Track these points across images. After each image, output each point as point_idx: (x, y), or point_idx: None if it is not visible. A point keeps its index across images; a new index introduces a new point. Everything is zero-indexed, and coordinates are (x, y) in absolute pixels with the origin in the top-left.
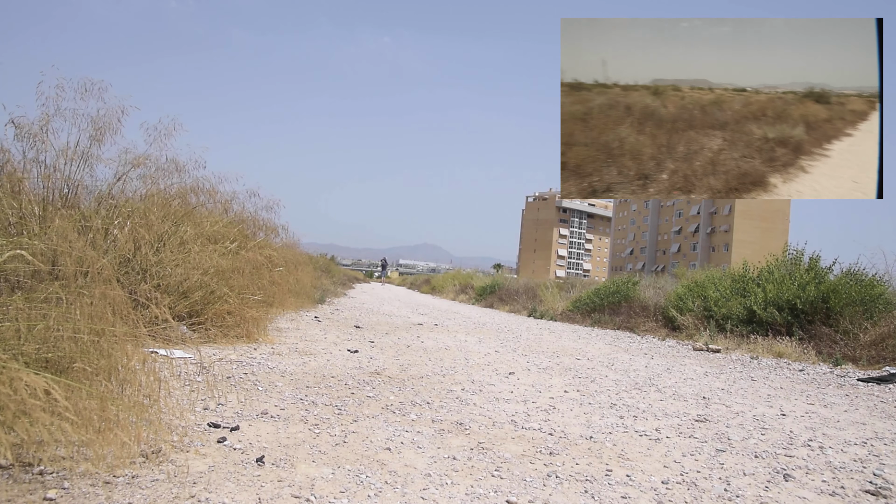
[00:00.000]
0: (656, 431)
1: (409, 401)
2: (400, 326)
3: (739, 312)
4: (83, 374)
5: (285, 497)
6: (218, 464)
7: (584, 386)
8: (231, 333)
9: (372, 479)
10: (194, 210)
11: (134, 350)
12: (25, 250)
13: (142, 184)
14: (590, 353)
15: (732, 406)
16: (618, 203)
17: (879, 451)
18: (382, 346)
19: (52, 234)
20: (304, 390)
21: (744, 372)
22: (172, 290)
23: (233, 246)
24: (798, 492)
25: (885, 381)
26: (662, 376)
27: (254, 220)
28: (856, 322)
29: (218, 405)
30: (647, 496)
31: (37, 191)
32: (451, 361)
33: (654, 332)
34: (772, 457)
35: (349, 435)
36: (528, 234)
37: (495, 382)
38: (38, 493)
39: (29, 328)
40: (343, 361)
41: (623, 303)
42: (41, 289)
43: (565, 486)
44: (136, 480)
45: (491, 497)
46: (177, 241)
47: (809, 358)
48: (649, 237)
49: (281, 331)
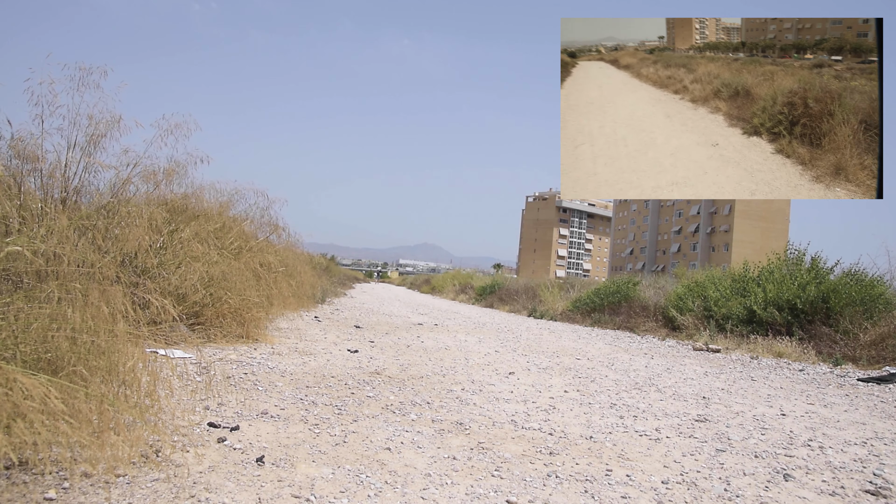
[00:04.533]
0: (656, 431)
1: (409, 401)
2: (400, 326)
3: (739, 312)
4: (81, 374)
5: (285, 497)
6: (218, 464)
7: (584, 386)
8: (231, 333)
9: (372, 479)
10: (196, 211)
11: (134, 350)
12: (26, 249)
13: (144, 184)
14: (590, 353)
15: (732, 406)
16: (618, 203)
17: (879, 451)
18: (382, 346)
19: (52, 234)
20: (304, 390)
21: (744, 372)
22: (173, 291)
23: (233, 247)
24: (798, 492)
25: (885, 381)
26: (662, 376)
27: (258, 219)
28: (856, 322)
29: (218, 405)
30: (647, 496)
31: (36, 191)
32: (451, 361)
33: (654, 332)
34: (772, 457)
35: (349, 435)
36: (528, 234)
37: (495, 382)
38: (38, 493)
39: (26, 328)
40: (343, 361)
41: (623, 303)
42: (41, 288)
43: (565, 485)
44: (136, 480)
45: (491, 497)
46: (178, 244)
47: (809, 358)
48: (649, 237)
49: (281, 331)
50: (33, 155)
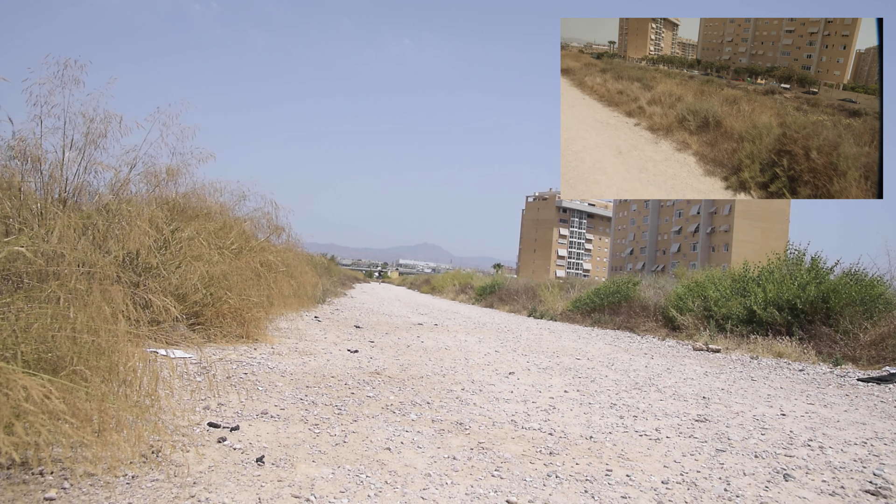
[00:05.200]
0: (656, 431)
1: (409, 401)
2: (400, 326)
3: (739, 312)
4: (82, 374)
5: (285, 497)
6: (218, 464)
7: (584, 386)
8: (231, 333)
9: (372, 479)
10: (197, 211)
11: (134, 350)
12: (26, 249)
13: (144, 184)
14: (590, 353)
15: (732, 406)
16: (618, 203)
17: (879, 451)
18: (382, 346)
19: (52, 234)
20: (304, 390)
21: (744, 372)
22: (173, 291)
23: (234, 247)
24: (798, 492)
25: (885, 381)
26: (662, 376)
27: (259, 219)
28: (856, 322)
29: (218, 405)
30: (647, 496)
31: (37, 191)
32: (451, 361)
33: (654, 331)
34: (772, 457)
35: (349, 435)
36: (528, 234)
37: (495, 382)
38: (38, 493)
39: (26, 327)
40: (343, 361)
41: (623, 303)
42: (41, 288)
43: (565, 485)
44: (136, 480)
45: (491, 497)
46: (178, 243)
47: (809, 358)
48: (649, 237)
49: (281, 331)
50: (34, 155)
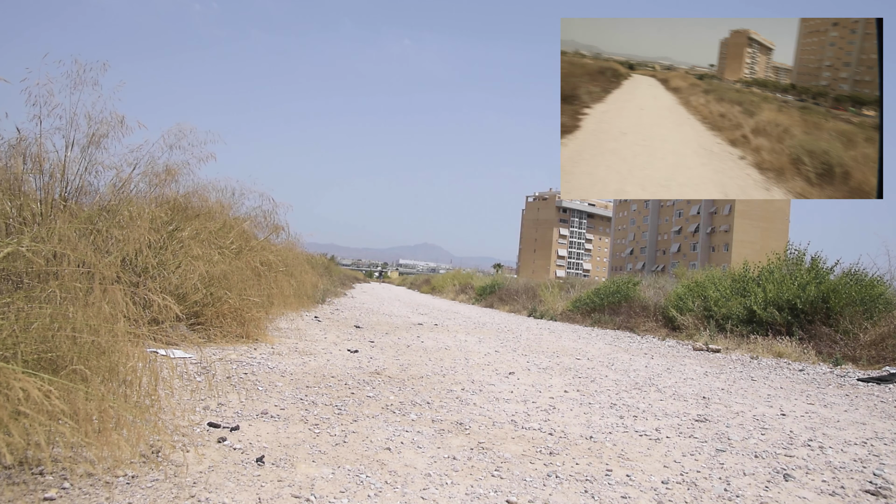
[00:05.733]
0: (656, 431)
1: (409, 401)
2: (400, 326)
3: (739, 312)
4: (82, 373)
5: (285, 497)
6: (218, 464)
7: (584, 386)
8: (231, 333)
9: (372, 479)
10: (197, 210)
11: (134, 350)
12: (26, 249)
13: (145, 184)
14: (590, 353)
15: (732, 406)
16: (618, 203)
17: (879, 451)
18: (382, 346)
19: (52, 235)
20: (304, 390)
21: (744, 372)
22: (173, 291)
23: (234, 247)
24: (798, 492)
25: (885, 381)
26: (662, 376)
27: (259, 219)
28: (856, 322)
29: (218, 405)
30: (647, 496)
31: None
32: (451, 361)
33: (654, 331)
34: (772, 457)
35: (349, 435)
36: (528, 234)
37: (495, 382)
38: (38, 493)
39: (26, 327)
40: (343, 361)
41: (623, 303)
42: (41, 288)
43: (565, 485)
44: (136, 480)
45: (491, 497)
46: (177, 243)
47: (809, 358)
48: (649, 237)
49: (281, 331)
50: (34, 155)
